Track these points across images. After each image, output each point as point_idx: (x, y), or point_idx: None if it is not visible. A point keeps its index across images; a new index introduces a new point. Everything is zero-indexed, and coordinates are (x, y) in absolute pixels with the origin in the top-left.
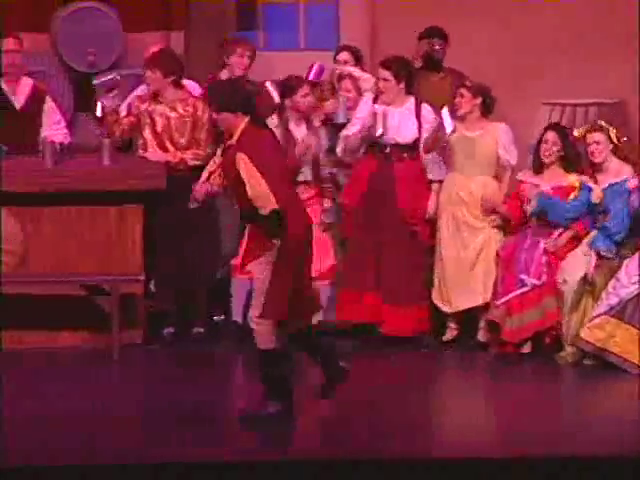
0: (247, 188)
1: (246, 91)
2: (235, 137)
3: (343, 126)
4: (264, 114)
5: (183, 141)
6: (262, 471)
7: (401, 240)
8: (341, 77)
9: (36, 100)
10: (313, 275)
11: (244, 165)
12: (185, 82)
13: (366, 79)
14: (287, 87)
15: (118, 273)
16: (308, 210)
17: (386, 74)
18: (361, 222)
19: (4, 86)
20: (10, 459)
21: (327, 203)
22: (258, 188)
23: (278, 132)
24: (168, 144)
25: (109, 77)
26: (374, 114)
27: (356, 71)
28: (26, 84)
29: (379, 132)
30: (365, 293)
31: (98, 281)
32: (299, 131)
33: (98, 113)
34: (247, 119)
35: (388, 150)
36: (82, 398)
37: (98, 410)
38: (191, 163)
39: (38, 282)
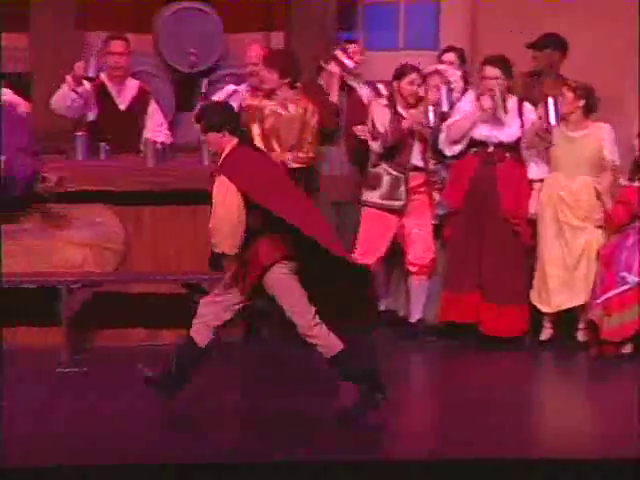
0: (213, 217)
1: (233, 112)
2: (222, 158)
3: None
4: (327, 122)
5: (290, 141)
6: (367, 471)
7: (503, 240)
8: (429, 74)
9: (140, 101)
10: (412, 269)
11: (218, 188)
12: None
13: (452, 74)
14: (398, 71)
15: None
16: (415, 198)
17: (496, 72)
18: (463, 223)
19: (109, 86)
20: (126, 457)
21: (437, 196)
22: (221, 224)
23: (387, 112)
24: (274, 142)
25: (225, 92)
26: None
27: (442, 67)
28: (132, 85)
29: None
30: (467, 294)
31: (198, 280)
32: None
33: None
34: (235, 141)
35: (491, 150)
36: (180, 396)
37: (197, 409)
38: (291, 165)
39: (139, 280)
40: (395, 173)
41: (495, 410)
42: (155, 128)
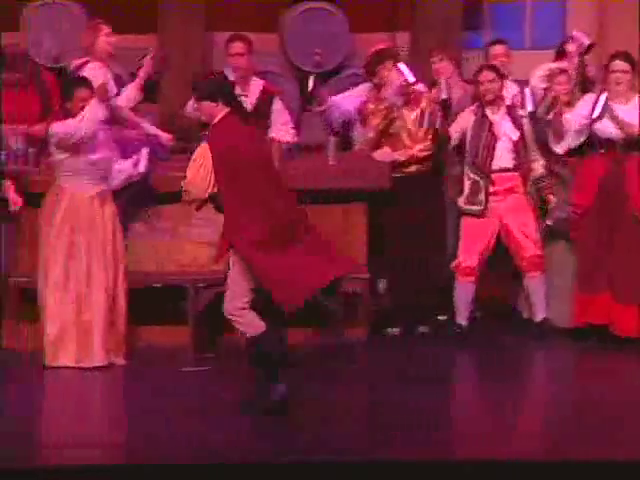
0: (186, 180)
1: (228, 83)
2: (211, 126)
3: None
4: None
5: (420, 134)
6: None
7: (634, 239)
8: (553, 74)
9: (266, 100)
10: (524, 267)
11: (196, 154)
12: None
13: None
14: (475, 72)
15: None
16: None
17: (626, 66)
18: (592, 224)
19: (236, 88)
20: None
21: (552, 199)
22: (191, 178)
23: (473, 118)
24: (406, 138)
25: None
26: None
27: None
28: (256, 85)
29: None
30: (598, 294)
31: None
32: (494, 117)
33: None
34: (227, 110)
35: (618, 148)
36: (304, 394)
37: (321, 408)
38: (422, 155)
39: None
40: (475, 177)
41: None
42: (280, 127)
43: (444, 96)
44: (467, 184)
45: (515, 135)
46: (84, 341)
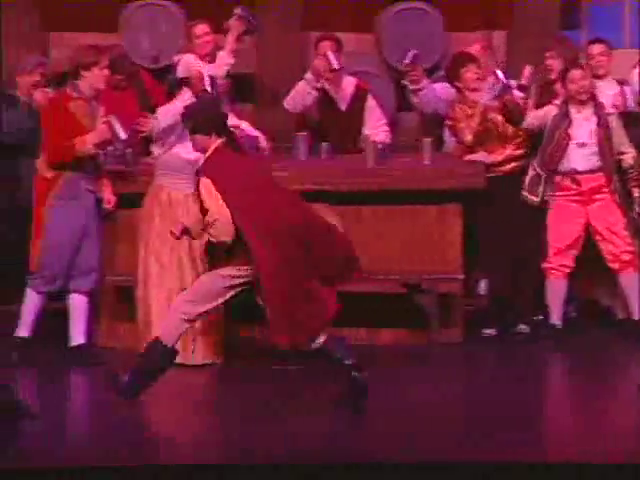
0: (209, 213)
1: (220, 113)
2: (204, 158)
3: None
4: None
5: (509, 133)
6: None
7: None
8: None
9: (359, 99)
10: (615, 266)
11: (204, 190)
12: None
13: None
14: (561, 70)
15: (437, 272)
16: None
17: None
18: None
19: (327, 87)
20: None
21: (637, 191)
22: (218, 215)
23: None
24: (495, 138)
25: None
26: None
27: None
28: (349, 84)
29: None
30: None
31: (417, 279)
32: (577, 116)
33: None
34: (220, 141)
35: None
36: (399, 396)
37: (413, 409)
38: (517, 153)
39: (360, 280)
40: (538, 170)
41: None
42: (374, 125)
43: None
44: (530, 174)
45: (591, 139)
46: (184, 339)
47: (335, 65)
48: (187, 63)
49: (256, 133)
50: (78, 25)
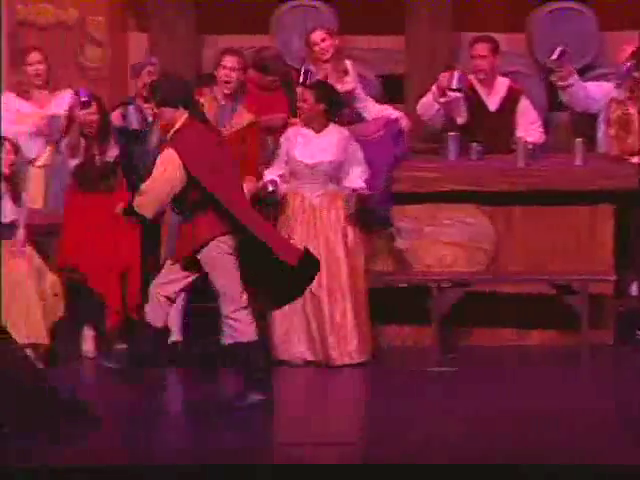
0: (147, 181)
1: (186, 85)
2: (172, 132)
3: None
4: None
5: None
6: None
7: None
8: None
9: (511, 100)
10: None
11: (163, 160)
12: None
13: None
14: None
15: (588, 272)
16: None
17: None
18: None
19: (478, 88)
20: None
21: None
22: (150, 192)
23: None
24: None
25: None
26: None
27: None
28: (501, 85)
29: None
30: None
31: (567, 280)
32: None
33: None
34: (186, 114)
35: None
36: (549, 397)
37: (559, 411)
38: None
39: (509, 281)
40: None
41: None
42: (527, 126)
43: None
44: None
45: None
46: (316, 340)
47: (454, 86)
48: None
49: (396, 114)
50: (232, 27)
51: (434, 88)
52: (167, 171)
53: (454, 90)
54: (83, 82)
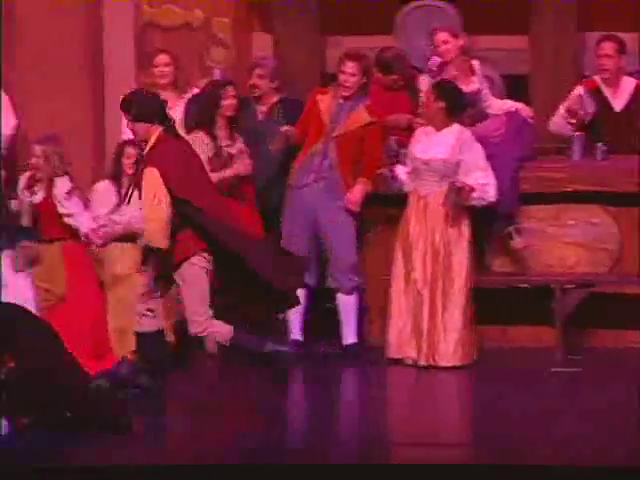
0: (143, 207)
1: (160, 100)
2: (147, 148)
3: None
4: None
5: None
6: None
7: None
8: None
9: (637, 101)
10: None
11: (150, 183)
12: None
13: None
14: None
15: None
16: None
17: None
18: None
19: (603, 88)
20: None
21: None
22: (153, 222)
23: None
24: None
25: None
26: None
27: None
28: (628, 85)
29: None
30: None
31: None
32: None
33: None
34: (160, 130)
35: None
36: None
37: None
38: None
39: (634, 282)
40: None
41: None
42: None
43: None
44: None
45: None
46: (424, 340)
47: (584, 110)
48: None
49: (516, 105)
50: (355, 28)
51: (563, 110)
52: (157, 194)
53: (582, 114)
54: None
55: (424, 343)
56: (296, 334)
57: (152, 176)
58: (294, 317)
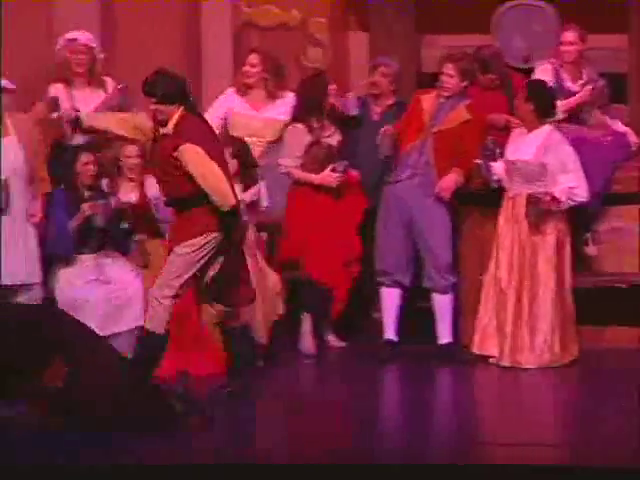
0: (202, 181)
1: (181, 79)
2: (171, 126)
3: None
4: None
5: None
6: None
7: None
8: None
9: None
10: None
11: (197, 157)
12: None
13: None
14: None
15: None
16: None
17: None
18: None
19: None
20: None
21: None
22: (220, 184)
23: None
24: None
25: None
26: None
27: None
28: None
29: None
30: None
31: None
32: None
33: None
34: (182, 109)
35: None
36: None
37: None
38: None
39: None
40: None
41: None
42: None
43: None
44: None
45: None
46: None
47: None
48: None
49: (624, 129)
50: (451, 26)
51: None
52: (205, 162)
53: None
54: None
55: (506, 345)
56: (390, 334)
57: (194, 151)
58: (388, 317)
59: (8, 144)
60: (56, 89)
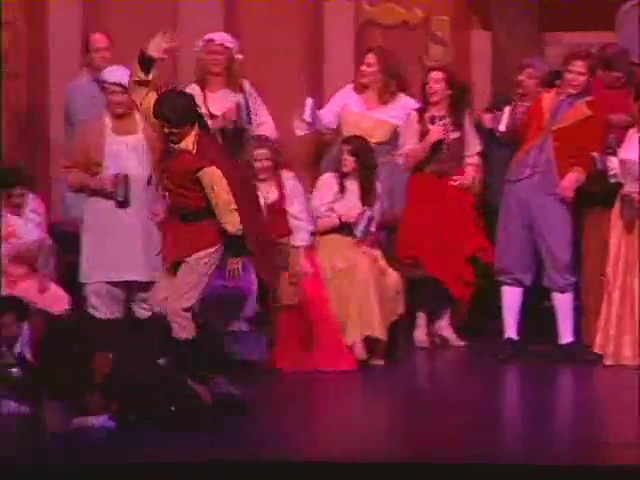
0: (217, 201)
1: (190, 97)
2: (189, 143)
3: None
4: None
5: None
6: None
7: None
8: None
9: None
10: None
11: (219, 183)
12: None
13: None
14: None
15: None
16: None
17: None
18: None
19: None
20: None
21: None
22: (231, 214)
23: None
24: None
25: None
26: None
27: None
28: None
29: None
30: None
31: None
32: None
33: None
34: (196, 129)
35: None
36: None
37: None
38: None
39: None
40: None
41: None
42: None
43: None
44: None
45: None
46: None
47: None
48: None
49: None
50: (575, 24)
51: None
52: (223, 188)
53: None
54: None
55: (611, 344)
56: (511, 333)
57: (218, 175)
58: (509, 316)
59: (136, 140)
60: (192, 89)
